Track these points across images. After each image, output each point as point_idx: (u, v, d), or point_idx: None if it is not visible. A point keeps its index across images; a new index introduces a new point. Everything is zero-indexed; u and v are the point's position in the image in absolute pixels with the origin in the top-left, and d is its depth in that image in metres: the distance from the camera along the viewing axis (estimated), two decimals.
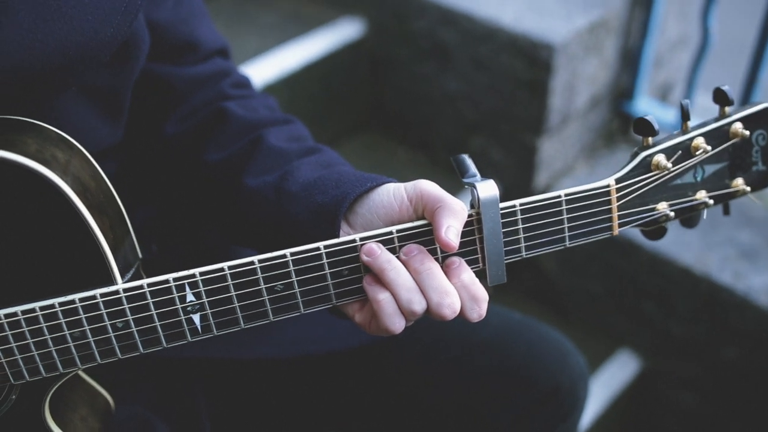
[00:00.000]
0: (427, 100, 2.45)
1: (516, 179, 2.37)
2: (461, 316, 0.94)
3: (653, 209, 1.00)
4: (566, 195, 0.95)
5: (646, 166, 0.97)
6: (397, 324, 0.93)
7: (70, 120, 1.03)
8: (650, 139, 0.97)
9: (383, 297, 0.92)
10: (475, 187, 0.92)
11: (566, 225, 0.96)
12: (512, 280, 2.45)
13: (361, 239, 0.93)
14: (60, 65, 0.94)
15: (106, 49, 0.99)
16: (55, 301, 0.91)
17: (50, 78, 0.95)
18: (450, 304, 0.92)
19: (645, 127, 0.95)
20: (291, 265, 0.93)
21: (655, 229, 1.01)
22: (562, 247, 0.97)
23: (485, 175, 0.94)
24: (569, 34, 2.13)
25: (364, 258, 0.92)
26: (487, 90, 2.28)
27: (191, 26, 1.19)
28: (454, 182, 0.97)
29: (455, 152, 2.32)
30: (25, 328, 0.91)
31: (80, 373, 1.06)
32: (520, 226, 0.95)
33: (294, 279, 0.93)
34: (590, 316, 2.44)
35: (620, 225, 0.99)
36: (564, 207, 0.95)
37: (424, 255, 0.93)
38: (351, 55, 2.45)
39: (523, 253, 0.97)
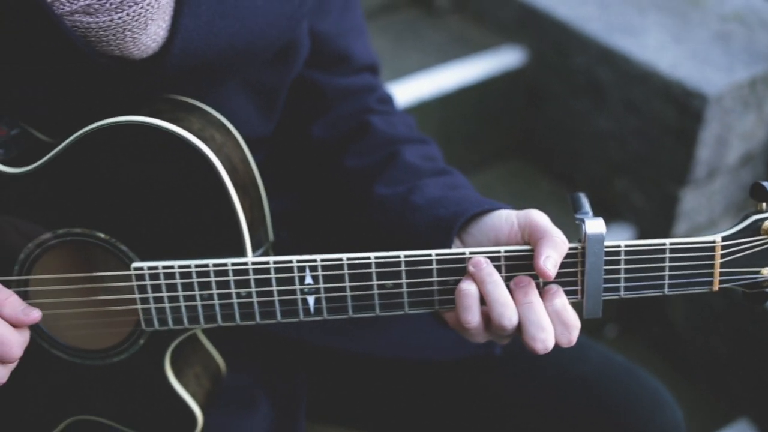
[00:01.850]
0: (576, 136, 2.47)
1: (654, 226, 2.36)
2: None
3: (757, 272, 1.01)
4: (671, 244, 0.98)
5: (755, 229, 0.99)
6: (473, 321, 0.99)
7: (230, 108, 1.14)
8: (764, 204, 0.99)
9: (469, 287, 0.98)
10: (583, 222, 0.97)
11: (667, 273, 1.00)
12: (637, 325, 2.46)
13: (471, 253, 1.00)
14: (228, 57, 1.06)
15: (270, 49, 1.11)
16: (192, 262, 1.02)
17: (218, 67, 1.07)
18: (543, 339, 0.97)
19: (761, 192, 0.97)
20: (403, 266, 1.01)
21: (758, 293, 1.02)
22: (661, 294, 1.00)
23: (624, 218, 0.99)
24: (726, 87, 2.11)
25: (470, 268, 0.99)
26: (635, 133, 2.29)
27: (348, 40, 1.30)
28: None
29: (598, 190, 2.34)
30: (162, 281, 1.03)
31: (200, 336, 1.18)
32: (622, 266, 0.99)
33: (404, 279, 1.01)
34: (712, 377, 2.39)
35: (721, 282, 1.01)
36: (667, 255, 0.98)
37: (531, 288, 0.99)
38: (508, 83, 2.51)
39: (622, 293, 1.01)
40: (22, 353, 1.00)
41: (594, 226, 0.97)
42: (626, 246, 0.98)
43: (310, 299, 1.03)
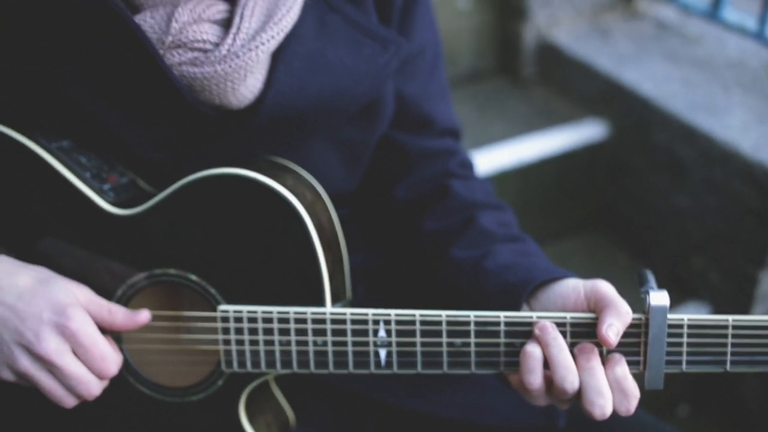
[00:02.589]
0: (656, 212, 2.48)
1: (731, 307, 2.33)
2: None
3: None
4: (734, 321, 1.00)
5: None
6: (535, 383, 1.02)
7: (317, 164, 1.22)
8: None
9: (534, 350, 1.02)
10: (648, 294, 1.01)
11: (729, 349, 1.02)
12: (710, 405, 2.41)
13: (538, 317, 1.04)
14: (316, 111, 1.15)
15: (355, 105, 1.19)
16: (274, 309, 1.09)
17: (306, 120, 1.16)
18: (602, 405, 1.00)
19: None
20: (473, 326, 1.05)
21: None
22: (723, 370, 1.02)
23: (700, 297, 1.02)
24: None
25: (536, 332, 1.03)
26: (715, 212, 2.29)
27: (433, 105, 1.35)
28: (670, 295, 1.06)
29: (674, 267, 2.33)
30: (245, 325, 1.10)
31: (273, 387, 1.24)
32: (685, 340, 1.02)
33: (472, 339, 1.06)
34: None
35: None
36: (730, 332, 1.01)
37: (593, 354, 1.02)
38: (590, 155, 2.55)
39: (684, 366, 1.03)
40: (117, 372, 1.09)
41: (658, 298, 1.00)
42: (689, 320, 1.01)
43: (382, 352, 1.08)
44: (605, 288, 1.04)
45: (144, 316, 1.11)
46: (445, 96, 1.40)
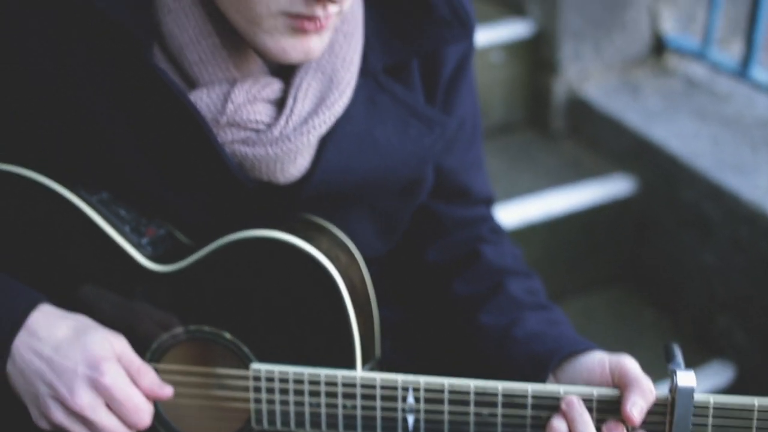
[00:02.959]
0: (682, 268, 2.48)
1: (756, 368, 2.32)
2: None
3: None
4: (760, 405, 1.01)
5: None
6: None
7: (354, 230, 1.24)
8: None
9: (560, 425, 1.03)
10: (675, 374, 1.02)
11: None
12: None
13: (565, 392, 1.06)
14: (360, 189, 1.17)
15: (399, 184, 1.21)
16: (306, 370, 1.11)
17: (349, 196, 1.18)
18: None
19: None
20: (500, 397, 1.07)
21: None
22: None
23: (725, 356, 1.03)
24: None
25: (563, 406, 1.05)
26: (741, 271, 2.29)
27: (470, 176, 1.37)
28: (691, 353, 1.07)
29: (700, 324, 2.31)
30: (276, 385, 1.13)
31: None
32: (710, 422, 1.03)
33: (499, 410, 1.08)
34: None
35: None
36: (755, 418, 1.02)
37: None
38: (616, 210, 2.56)
39: None
40: (150, 423, 1.11)
41: (685, 379, 1.01)
42: (715, 403, 1.02)
43: (410, 418, 1.10)
44: (630, 364, 1.05)
45: (167, 391, 1.13)
46: (481, 165, 1.42)
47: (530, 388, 1.07)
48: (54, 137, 1.12)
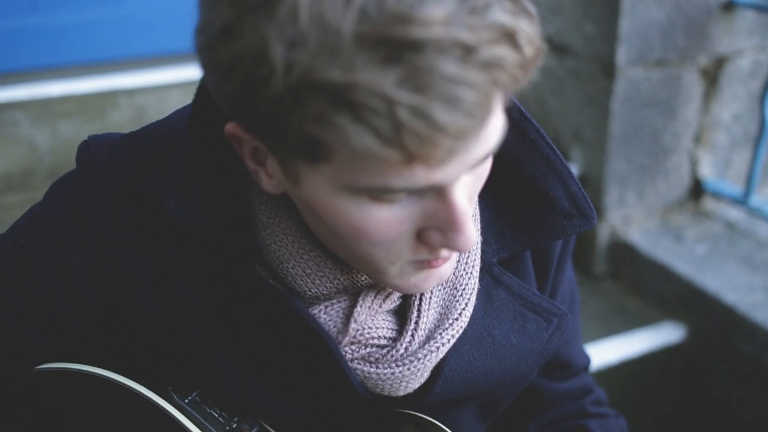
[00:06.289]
0: (738, 421, 2.42)
1: None
2: None
3: None
4: None
5: None
6: None
7: (460, 423, 1.16)
8: None
9: None
10: None
11: None
12: None
13: None
14: (479, 391, 1.09)
15: (517, 383, 1.14)
16: None
17: (466, 399, 1.11)
18: None
19: None
20: None
21: None
22: None
23: None
24: None
25: None
26: None
27: (570, 348, 1.31)
28: None
29: None
30: None
31: None
32: None
33: None
34: None
35: None
36: None
37: None
38: (666, 357, 2.51)
39: None
40: None
41: None
42: None
43: None
44: None
45: None
46: (579, 334, 1.36)
47: None
48: (150, 346, 1.05)
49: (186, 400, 1.07)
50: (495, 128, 0.79)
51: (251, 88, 0.72)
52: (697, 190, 2.83)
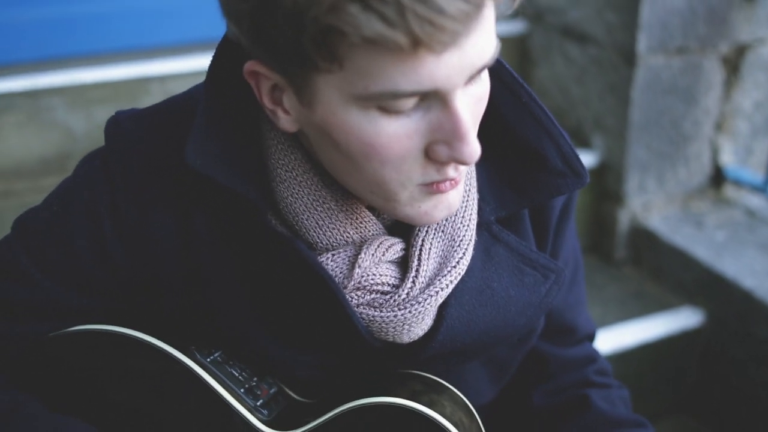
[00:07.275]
0: (755, 403, 2.45)
1: None
2: None
3: None
4: None
5: None
6: None
7: (467, 380, 1.23)
8: None
9: None
10: None
11: None
12: None
13: None
14: (480, 343, 1.15)
15: (517, 334, 1.20)
16: None
17: (469, 350, 1.17)
18: None
19: None
20: None
21: None
22: None
23: None
24: None
25: None
26: None
27: (574, 313, 1.37)
28: None
29: None
30: None
31: None
32: None
33: None
34: None
35: None
36: None
37: None
38: (684, 342, 2.54)
39: None
40: None
41: None
42: None
43: None
44: None
45: None
46: (583, 301, 1.41)
47: None
48: (173, 306, 1.12)
49: (209, 359, 1.14)
50: (489, 39, 0.88)
51: None
52: (718, 177, 2.86)
